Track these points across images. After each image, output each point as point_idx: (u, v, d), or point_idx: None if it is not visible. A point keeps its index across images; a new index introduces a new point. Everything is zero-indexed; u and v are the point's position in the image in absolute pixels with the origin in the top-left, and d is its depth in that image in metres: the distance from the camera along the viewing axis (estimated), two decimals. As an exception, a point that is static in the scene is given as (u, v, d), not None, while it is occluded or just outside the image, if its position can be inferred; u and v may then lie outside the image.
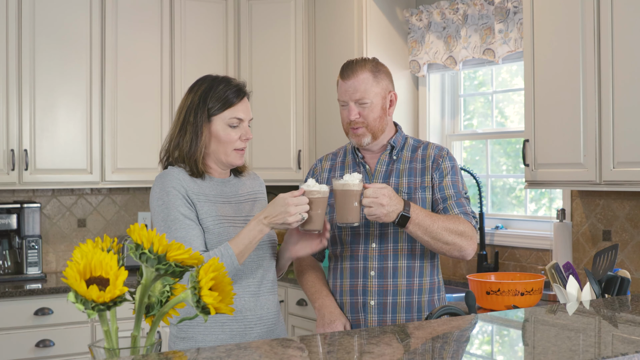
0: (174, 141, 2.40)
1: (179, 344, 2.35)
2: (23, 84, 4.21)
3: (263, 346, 1.72)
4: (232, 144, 2.38)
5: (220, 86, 2.38)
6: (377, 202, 2.30)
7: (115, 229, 4.81)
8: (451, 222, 2.43)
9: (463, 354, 1.72)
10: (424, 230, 2.37)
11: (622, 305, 2.30)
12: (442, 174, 2.52)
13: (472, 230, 2.47)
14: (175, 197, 2.32)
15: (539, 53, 3.33)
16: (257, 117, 4.77)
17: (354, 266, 2.53)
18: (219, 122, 2.37)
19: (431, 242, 2.40)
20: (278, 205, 2.25)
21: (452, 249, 2.43)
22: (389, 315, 2.50)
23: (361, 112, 2.50)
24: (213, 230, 2.33)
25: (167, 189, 2.33)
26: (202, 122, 2.36)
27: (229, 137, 2.37)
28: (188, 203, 2.33)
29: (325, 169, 2.66)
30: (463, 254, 2.46)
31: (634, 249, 3.39)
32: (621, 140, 3.01)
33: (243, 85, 2.44)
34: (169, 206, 2.31)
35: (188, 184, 2.35)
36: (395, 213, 2.33)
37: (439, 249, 2.43)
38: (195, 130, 2.36)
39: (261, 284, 2.40)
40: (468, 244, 2.45)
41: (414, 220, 2.36)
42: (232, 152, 2.39)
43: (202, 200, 2.36)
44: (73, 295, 1.41)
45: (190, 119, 2.37)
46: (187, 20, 4.65)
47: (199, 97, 2.38)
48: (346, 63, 2.58)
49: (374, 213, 2.31)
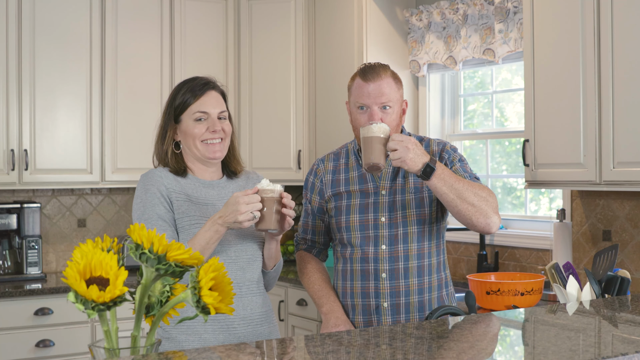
0: (155, 147, 2.53)
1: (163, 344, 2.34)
2: (23, 84, 4.21)
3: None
4: (199, 137, 2.42)
5: (185, 85, 2.46)
6: (403, 145, 2.28)
7: (115, 229, 4.82)
8: (476, 186, 2.38)
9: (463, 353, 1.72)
10: (449, 186, 2.32)
11: (622, 305, 2.30)
12: (450, 164, 2.51)
13: (495, 200, 2.41)
14: (153, 195, 2.36)
15: (539, 53, 3.33)
16: (257, 117, 4.78)
17: (365, 268, 2.52)
18: (186, 119, 2.43)
19: (457, 200, 2.34)
20: (230, 205, 2.25)
21: (478, 214, 2.36)
22: (402, 316, 2.50)
23: (383, 117, 2.46)
24: (189, 230, 2.35)
25: (147, 186, 2.39)
26: (167, 125, 2.46)
27: (194, 131, 2.41)
28: (166, 202, 2.37)
29: (329, 170, 2.65)
30: (489, 222, 2.38)
31: (634, 249, 3.39)
32: (621, 140, 3.01)
33: (209, 80, 2.48)
34: (146, 205, 2.36)
35: (170, 182, 2.40)
36: (421, 162, 2.29)
37: (464, 211, 2.36)
38: (163, 134, 2.47)
39: (242, 285, 2.39)
40: (493, 212, 2.39)
41: (439, 174, 2.31)
42: (200, 144, 2.42)
43: (182, 199, 2.38)
44: (73, 295, 1.41)
45: (161, 123, 2.49)
46: (187, 20, 4.65)
47: (168, 102, 2.48)
48: (367, 66, 2.52)
49: (399, 156, 2.28)
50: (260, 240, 2.46)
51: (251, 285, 2.42)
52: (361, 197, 2.55)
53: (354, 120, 2.53)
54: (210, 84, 2.47)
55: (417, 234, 2.51)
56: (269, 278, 2.53)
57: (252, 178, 2.58)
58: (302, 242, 2.72)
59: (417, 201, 2.51)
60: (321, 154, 4.43)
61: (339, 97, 4.37)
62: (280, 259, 2.53)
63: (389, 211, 2.51)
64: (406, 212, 2.51)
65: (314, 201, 2.65)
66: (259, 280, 2.46)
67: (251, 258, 2.43)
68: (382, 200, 2.52)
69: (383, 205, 2.52)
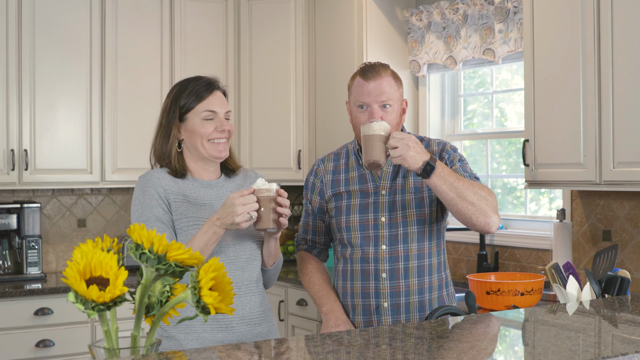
0: (154, 146, 2.49)
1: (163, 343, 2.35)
2: (23, 84, 4.21)
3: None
4: (207, 136, 2.41)
5: (190, 84, 2.45)
6: (404, 142, 2.29)
7: (115, 229, 4.81)
8: (476, 186, 2.39)
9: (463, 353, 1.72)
10: (449, 185, 2.33)
11: (622, 305, 2.30)
12: (450, 164, 2.51)
13: (495, 200, 2.42)
14: (151, 197, 2.36)
15: (539, 53, 3.33)
16: (257, 117, 4.77)
17: (365, 268, 2.52)
18: (194, 117, 2.41)
19: (457, 199, 2.34)
20: (227, 206, 2.25)
21: (478, 213, 2.36)
22: (402, 316, 2.50)
23: (383, 115, 2.47)
24: (187, 231, 2.35)
25: (145, 188, 2.38)
26: (172, 123, 2.43)
27: (203, 130, 2.40)
28: (165, 204, 2.36)
29: (329, 170, 2.65)
30: (488, 221, 2.39)
31: (634, 249, 3.39)
32: (621, 140, 3.01)
33: (214, 80, 2.48)
34: (144, 207, 2.35)
35: (167, 183, 2.39)
36: (421, 160, 2.29)
37: (464, 210, 2.36)
38: (167, 132, 2.44)
39: (241, 285, 2.39)
40: (493, 212, 2.39)
41: (439, 172, 2.31)
42: (207, 143, 2.42)
43: (180, 200, 2.38)
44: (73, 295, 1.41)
45: (163, 121, 2.46)
46: (187, 20, 4.65)
47: (171, 100, 2.46)
48: (367, 65, 2.53)
49: (400, 153, 2.28)
50: (259, 240, 2.47)
51: (250, 284, 2.42)
52: (361, 197, 2.55)
53: (354, 119, 2.53)
54: (216, 83, 2.47)
55: (417, 234, 2.51)
56: (268, 276, 2.53)
57: (250, 176, 2.57)
58: (303, 242, 2.72)
59: (417, 201, 2.51)
60: (321, 154, 4.43)
61: (339, 97, 4.37)
62: (280, 256, 2.53)
63: (389, 211, 2.51)
64: (406, 212, 2.51)
65: (314, 201, 2.66)
66: (258, 280, 2.47)
67: (250, 257, 2.43)
68: (382, 200, 2.53)
69: (383, 205, 2.52)
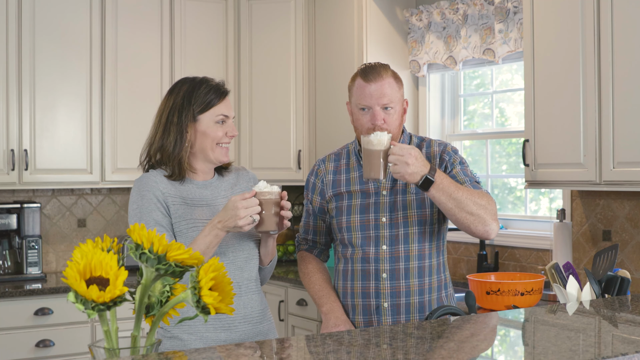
0: (156, 143, 2.43)
1: (165, 343, 2.36)
2: (23, 84, 4.21)
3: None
4: (218, 140, 2.41)
5: (202, 86, 2.42)
6: (402, 160, 2.30)
7: (115, 229, 4.81)
8: (475, 194, 2.40)
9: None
10: (448, 196, 2.35)
11: (622, 305, 2.30)
12: (450, 166, 2.52)
13: (494, 207, 2.44)
14: (149, 201, 2.35)
15: (539, 53, 3.33)
16: (257, 117, 4.77)
17: (366, 268, 2.52)
18: (206, 120, 2.40)
19: (455, 210, 2.36)
20: (229, 209, 2.25)
21: (477, 222, 2.39)
22: (402, 316, 2.50)
23: (385, 117, 2.47)
24: (187, 234, 2.35)
25: (142, 192, 2.37)
26: (187, 122, 2.39)
27: (215, 133, 2.40)
28: (163, 207, 2.35)
29: (330, 170, 2.65)
30: (487, 229, 2.41)
31: (634, 249, 3.39)
32: (621, 140, 3.01)
33: (223, 83, 2.48)
34: (143, 210, 2.34)
35: (165, 186, 2.38)
36: (420, 175, 2.32)
37: (463, 219, 2.38)
38: (179, 130, 2.39)
39: (241, 284, 2.40)
40: (492, 219, 2.41)
41: (437, 184, 2.33)
42: (217, 147, 2.41)
43: (178, 203, 2.37)
44: (73, 295, 1.41)
45: (174, 119, 2.40)
46: (187, 20, 4.65)
47: (182, 98, 2.41)
48: (368, 66, 2.53)
49: (398, 171, 2.31)
50: (256, 239, 2.48)
51: (250, 284, 2.44)
52: (362, 198, 2.55)
53: (356, 120, 2.53)
54: (225, 88, 2.47)
55: (418, 234, 2.51)
56: (264, 273, 2.55)
57: (242, 174, 2.58)
58: (304, 242, 2.73)
59: (418, 202, 2.52)
60: (321, 154, 4.43)
61: (339, 97, 4.37)
62: (275, 254, 2.56)
63: (389, 211, 2.51)
64: (407, 212, 2.51)
65: (315, 201, 2.66)
66: (257, 279, 2.49)
67: (248, 257, 2.44)
68: (383, 201, 2.53)
69: (384, 206, 2.52)
